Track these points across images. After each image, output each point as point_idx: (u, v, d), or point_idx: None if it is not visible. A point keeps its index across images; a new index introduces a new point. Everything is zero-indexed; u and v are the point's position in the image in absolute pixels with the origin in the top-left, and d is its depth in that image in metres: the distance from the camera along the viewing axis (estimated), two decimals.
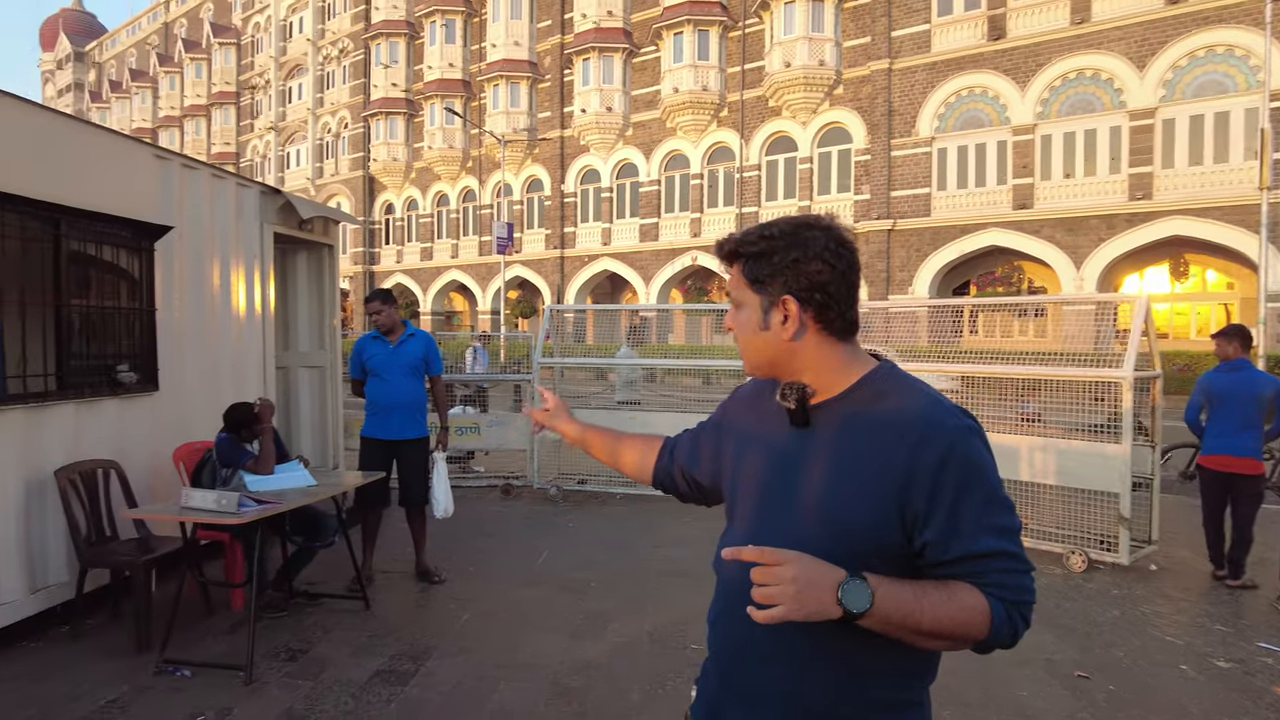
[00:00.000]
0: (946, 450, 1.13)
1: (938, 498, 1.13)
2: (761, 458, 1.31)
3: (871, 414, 1.20)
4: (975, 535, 1.13)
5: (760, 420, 1.36)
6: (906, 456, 1.14)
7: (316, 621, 4.45)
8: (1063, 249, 21.66)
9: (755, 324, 1.27)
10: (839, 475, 1.19)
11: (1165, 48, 20.33)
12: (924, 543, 1.14)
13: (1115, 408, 5.56)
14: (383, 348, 5.11)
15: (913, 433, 1.15)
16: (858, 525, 1.16)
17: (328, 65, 41.52)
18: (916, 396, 1.21)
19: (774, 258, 1.23)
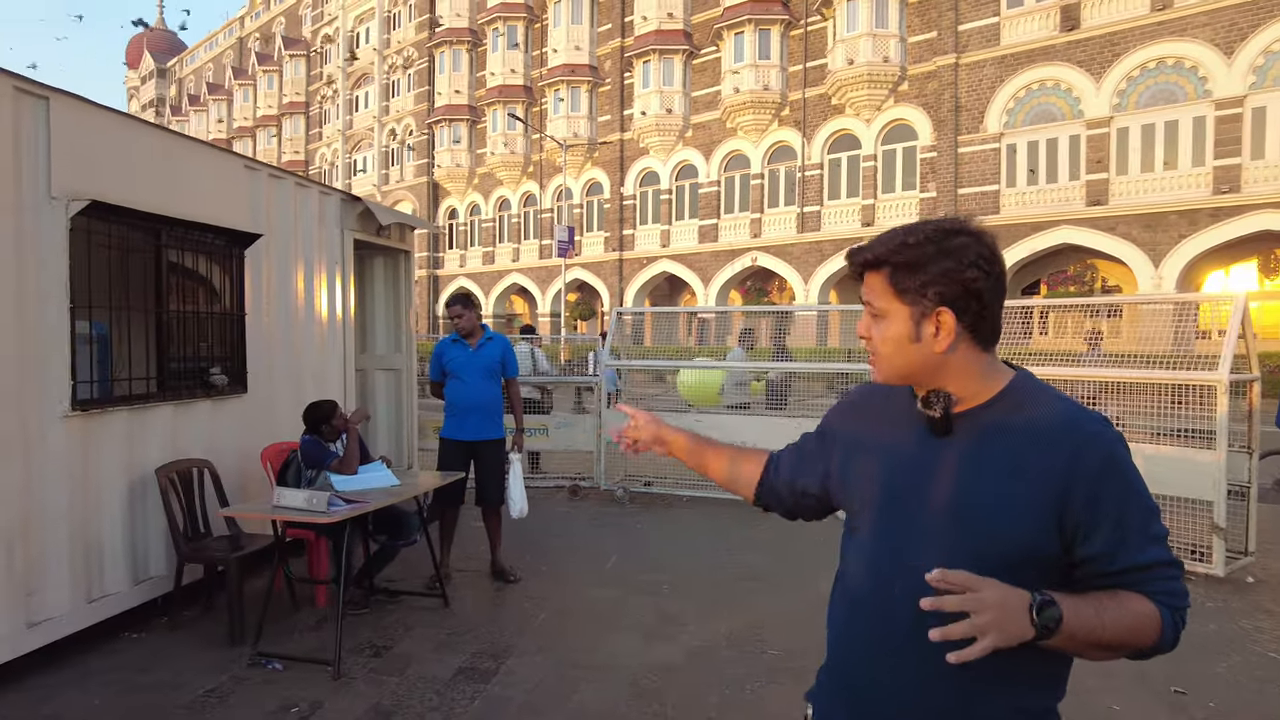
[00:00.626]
0: (1105, 458, 1.13)
1: (1101, 508, 1.12)
2: (890, 465, 1.28)
3: (1019, 422, 1.19)
4: (1141, 546, 1.14)
5: (880, 427, 1.33)
6: (1064, 464, 1.13)
7: (398, 619, 4.57)
8: (1140, 246, 20.85)
9: (904, 336, 1.22)
10: (989, 483, 1.16)
11: (1256, 32, 19.36)
12: (1089, 555, 1.14)
13: (1207, 411, 5.34)
14: (462, 351, 5.22)
15: (1068, 440, 1.14)
16: (1012, 534, 1.14)
17: (393, 74, 42.55)
18: (1065, 404, 1.20)
19: (927, 267, 1.19)
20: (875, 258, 1.25)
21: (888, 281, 1.24)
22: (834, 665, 1.36)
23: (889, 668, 1.23)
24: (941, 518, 1.20)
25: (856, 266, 1.29)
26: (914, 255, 1.20)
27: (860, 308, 1.31)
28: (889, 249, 1.23)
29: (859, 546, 1.31)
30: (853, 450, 1.36)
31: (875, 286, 1.25)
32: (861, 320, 1.29)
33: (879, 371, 1.28)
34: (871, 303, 1.25)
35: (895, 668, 1.22)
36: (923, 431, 1.25)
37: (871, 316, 1.26)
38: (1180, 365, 5.64)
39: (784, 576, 5.33)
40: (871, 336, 1.26)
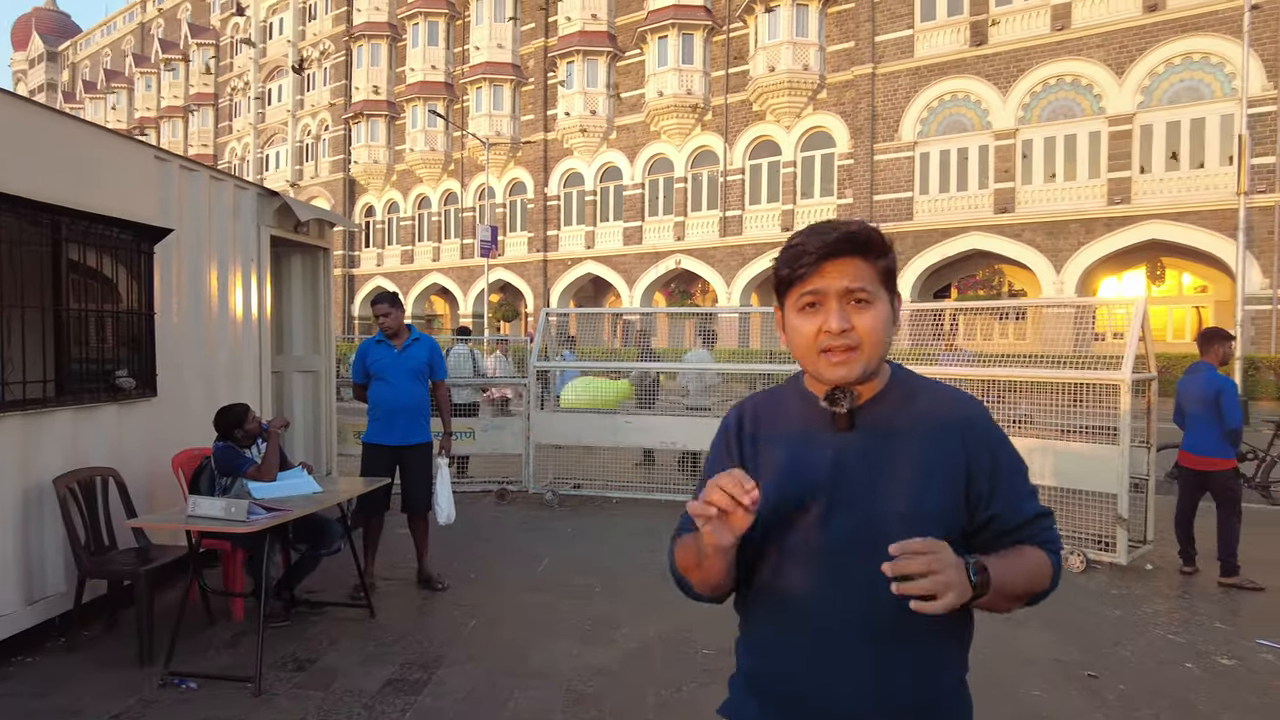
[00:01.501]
0: (991, 432, 1.27)
1: (997, 475, 1.24)
2: (808, 468, 1.25)
3: (914, 410, 1.26)
4: (1027, 500, 1.28)
5: (785, 433, 1.31)
6: (960, 443, 1.23)
7: (322, 631, 4.39)
8: (1043, 252, 21.93)
9: (889, 322, 1.24)
10: (905, 471, 1.21)
11: (1144, 54, 20.67)
12: (991, 515, 1.24)
13: (1107, 409, 5.64)
14: (387, 351, 5.06)
15: (961, 418, 1.26)
16: (933, 514, 1.20)
17: (308, 67, 41.18)
18: (945, 390, 1.31)
19: (891, 256, 1.27)
20: (876, 243, 1.23)
21: (876, 268, 1.24)
22: (767, 681, 1.31)
23: (841, 671, 1.21)
24: (875, 511, 1.21)
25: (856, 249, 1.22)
26: (888, 244, 1.26)
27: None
28: (878, 236, 1.24)
29: (789, 556, 1.26)
30: (766, 459, 1.31)
31: (864, 273, 1.22)
32: (832, 314, 1.20)
33: (858, 363, 1.21)
34: (865, 288, 1.21)
35: (848, 670, 1.21)
36: (823, 431, 1.26)
37: (855, 304, 1.21)
38: (1086, 365, 5.93)
39: None
40: (854, 326, 1.20)
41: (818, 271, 1.21)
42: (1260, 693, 3.77)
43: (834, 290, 1.20)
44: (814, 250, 1.21)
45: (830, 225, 1.23)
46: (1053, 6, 21.91)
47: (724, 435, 1.39)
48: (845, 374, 1.21)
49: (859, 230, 1.22)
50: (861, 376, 1.23)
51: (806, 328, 1.23)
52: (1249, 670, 4.03)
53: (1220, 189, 19.62)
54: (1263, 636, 4.47)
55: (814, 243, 1.21)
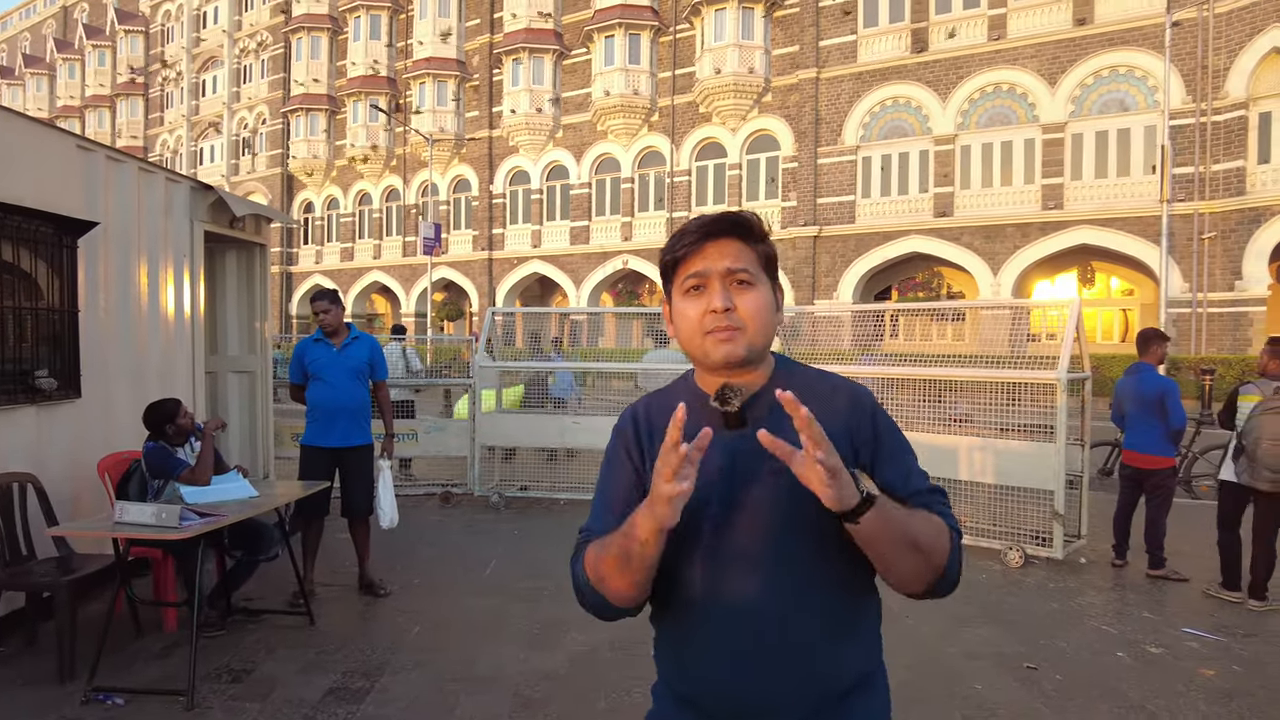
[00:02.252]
0: (871, 407, 1.28)
1: (880, 445, 1.26)
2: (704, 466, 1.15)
3: (799, 395, 1.20)
4: (916, 474, 1.28)
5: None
6: (844, 421, 1.24)
7: (259, 639, 4.24)
8: (980, 255, 22.55)
9: (771, 305, 1.27)
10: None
11: (1074, 66, 21.42)
12: (882, 483, 1.19)
13: (1039, 407, 5.82)
14: (326, 351, 4.91)
15: (839, 400, 1.27)
16: None
17: (245, 58, 40.00)
18: (821, 375, 1.34)
19: (770, 245, 1.30)
20: (755, 227, 1.27)
21: (754, 252, 1.26)
22: (682, 683, 1.30)
23: (751, 669, 1.20)
24: (775, 504, 1.20)
25: (735, 231, 1.25)
26: (766, 233, 1.30)
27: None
28: (757, 221, 1.28)
29: (691, 561, 1.23)
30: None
31: (745, 255, 1.25)
32: (715, 294, 1.22)
33: (741, 342, 1.22)
34: (747, 269, 1.23)
35: (758, 666, 1.20)
36: (716, 429, 1.17)
37: (737, 285, 1.23)
38: (1024, 365, 6.10)
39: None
40: (735, 306, 1.22)
41: (699, 252, 1.24)
42: (1186, 679, 3.91)
43: (716, 271, 1.22)
44: (695, 230, 1.25)
45: (711, 213, 1.29)
46: (989, 17, 22.54)
47: (620, 439, 1.36)
48: (730, 350, 1.21)
49: (738, 214, 1.26)
50: (747, 356, 1.23)
51: (691, 310, 1.24)
52: (1175, 658, 4.19)
53: (1144, 197, 20.46)
54: (1188, 625, 4.66)
55: (695, 224, 1.26)
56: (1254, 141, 19.46)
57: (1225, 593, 5.02)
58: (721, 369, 1.26)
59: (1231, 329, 19.48)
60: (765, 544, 1.20)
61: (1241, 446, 4.84)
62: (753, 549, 1.20)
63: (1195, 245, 19.93)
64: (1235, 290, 19.45)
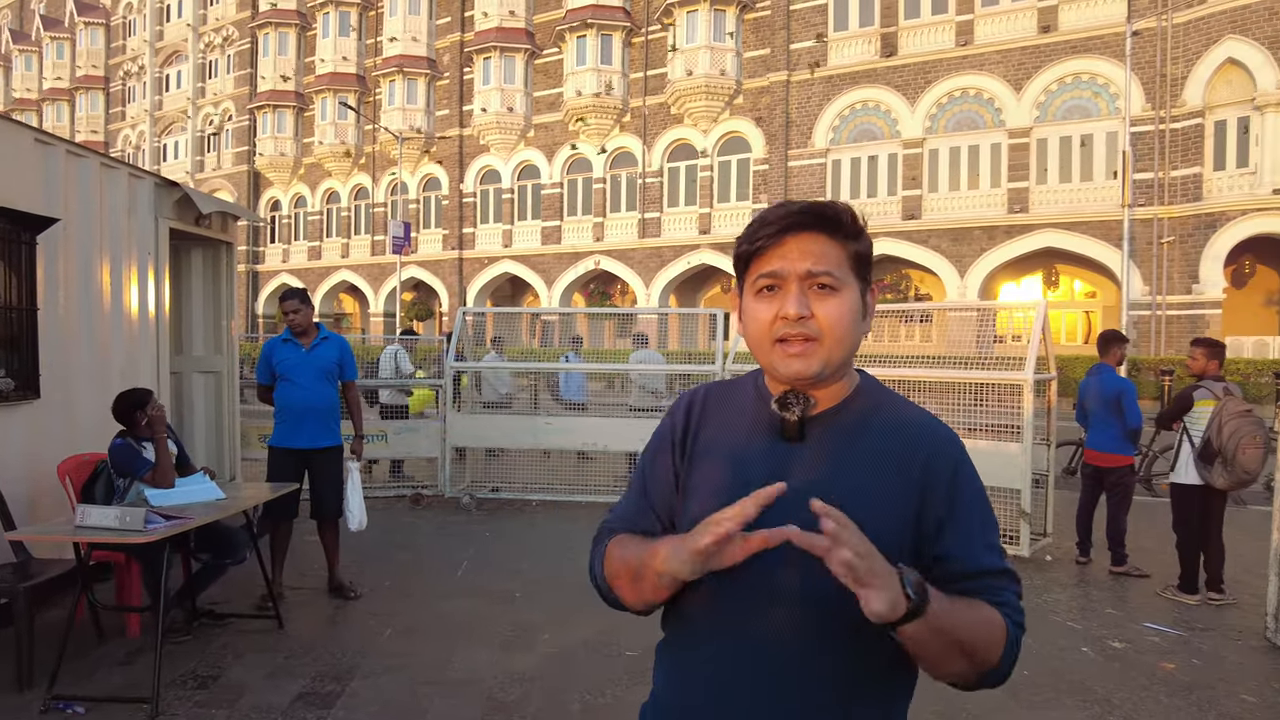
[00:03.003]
0: (957, 461, 1.11)
1: (954, 509, 1.08)
2: (747, 476, 1.10)
3: (875, 426, 1.13)
4: (988, 551, 1.10)
5: (727, 433, 1.19)
6: (924, 461, 1.09)
7: (225, 644, 4.17)
8: (948, 258, 22.86)
9: (859, 313, 1.11)
10: (851, 482, 1.07)
11: (1039, 72, 21.81)
12: (942, 554, 1.07)
13: (1005, 407, 5.91)
14: (294, 351, 4.84)
15: (926, 440, 1.11)
16: (878, 532, 1.00)
17: (210, 53, 39.30)
18: (912, 408, 1.17)
19: (866, 240, 1.14)
20: (847, 221, 1.11)
21: (845, 251, 1.12)
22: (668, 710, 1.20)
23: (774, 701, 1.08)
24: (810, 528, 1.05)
25: (813, 225, 1.10)
26: (861, 229, 1.13)
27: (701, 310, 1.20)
28: (850, 214, 1.12)
29: (716, 577, 1.07)
30: (704, 458, 1.18)
31: (830, 255, 1.10)
32: (793, 296, 1.08)
33: (817, 356, 1.08)
34: (830, 272, 1.08)
35: (781, 699, 1.07)
36: (770, 437, 1.13)
37: (818, 290, 1.08)
38: (991, 366, 6.19)
39: None
40: (815, 314, 1.07)
41: (778, 247, 1.10)
42: (1148, 673, 4.00)
43: (794, 272, 1.08)
44: (775, 221, 1.10)
45: (798, 201, 1.13)
46: (956, 23, 22.87)
47: (670, 425, 1.25)
48: (801, 368, 1.08)
49: (827, 205, 1.11)
50: (820, 373, 1.09)
51: (762, 313, 1.11)
52: (1137, 652, 4.28)
53: (1106, 201, 20.89)
54: (1149, 620, 4.76)
55: (777, 213, 1.11)
56: (1210, 149, 19.96)
57: (1183, 595, 5.12)
58: (789, 385, 1.13)
59: (1189, 331, 19.93)
60: (787, 578, 1.05)
61: (1214, 450, 4.92)
62: (780, 579, 1.06)
63: (1155, 249, 20.39)
64: (1192, 293, 19.93)
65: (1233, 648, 4.38)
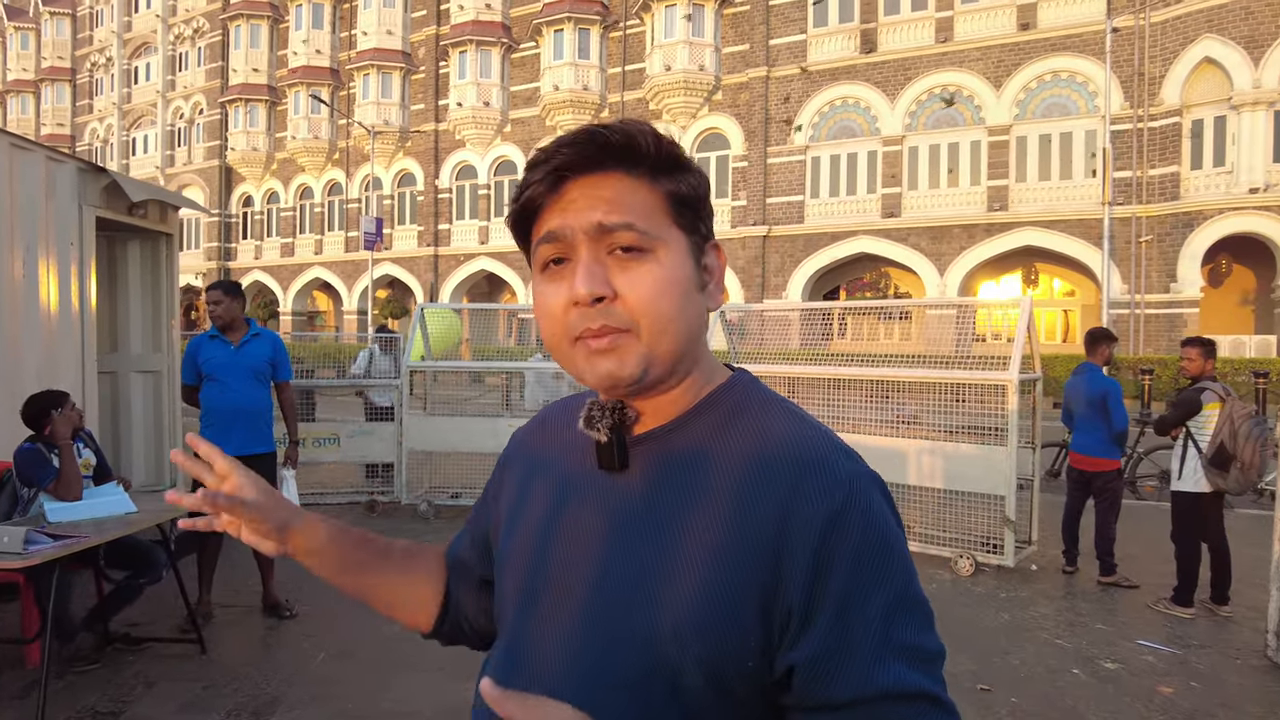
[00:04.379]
0: (836, 513, 0.68)
1: (822, 586, 0.67)
2: (539, 514, 0.83)
3: (724, 447, 0.75)
4: (879, 657, 0.66)
5: (546, 453, 0.88)
6: (776, 516, 0.69)
7: (138, 672, 3.77)
8: (927, 256, 22.68)
9: (690, 280, 0.75)
10: (681, 552, 0.71)
11: (1018, 70, 21.67)
12: (792, 664, 0.67)
13: (991, 409, 5.63)
14: (221, 348, 4.44)
15: (786, 475, 0.71)
16: (695, 632, 0.68)
17: (180, 45, 38.45)
18: (791, 424, 0.76)
19: (690, 179, 0.77)
20: (646, 146, 0.74)
21: (657, 193, 0.74)
22: None
23: None
24: (600, 594, 0.74)
25: (598, 158, 0.73)
26: (677, 157, 0.76)
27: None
28: (655, 137, 0.74)
29: (502, 637, 0.84)
30: (519, 490, 0.88)
31: (633, 200, 0.73)
32: (582, 267, 0.72)
33: (632, 353, 0.72)
34: (632, 224, 0.72)
35: None
36: (583, 468, 0.81)
37: (621, 254, 0.72)
38: (975, 366, 5.91)
39: None
40: (620, 292, 0.72)
41: (556, 197, 0.74)
42: (1145, 698, 3.72)
43: (580, 229, 0.72)
44: (546, 160, 0.74)
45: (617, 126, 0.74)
46: (936, 19, 22.69)
47: (499, 463, 0.98)
48: (613, 369, 0.72)
49: (617, 128, 0.73)
50: (641, 376, 0.73)
51: (551, 299, 0.75)
52: (1131, 674, 4.00)
53: (1085, 200, 20.80)
54: (1143, 637, 4.49)
55: (548, 148, 0.74)
56: (1187, 148, 19.92)
57: (1176, 609, 4.85)
58: (610, 395, 0.78)
59: (1167, 330, 19.89)
60: (567, 667, 0.73)
61: (1228, 455, 4.66)
62: (555, 663, 0.74)
63: (1133, 248, 20.31)
64: (1170, 292, 19.87)
65: (1232, 668, 4.11)
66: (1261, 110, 18.78)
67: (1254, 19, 18.68)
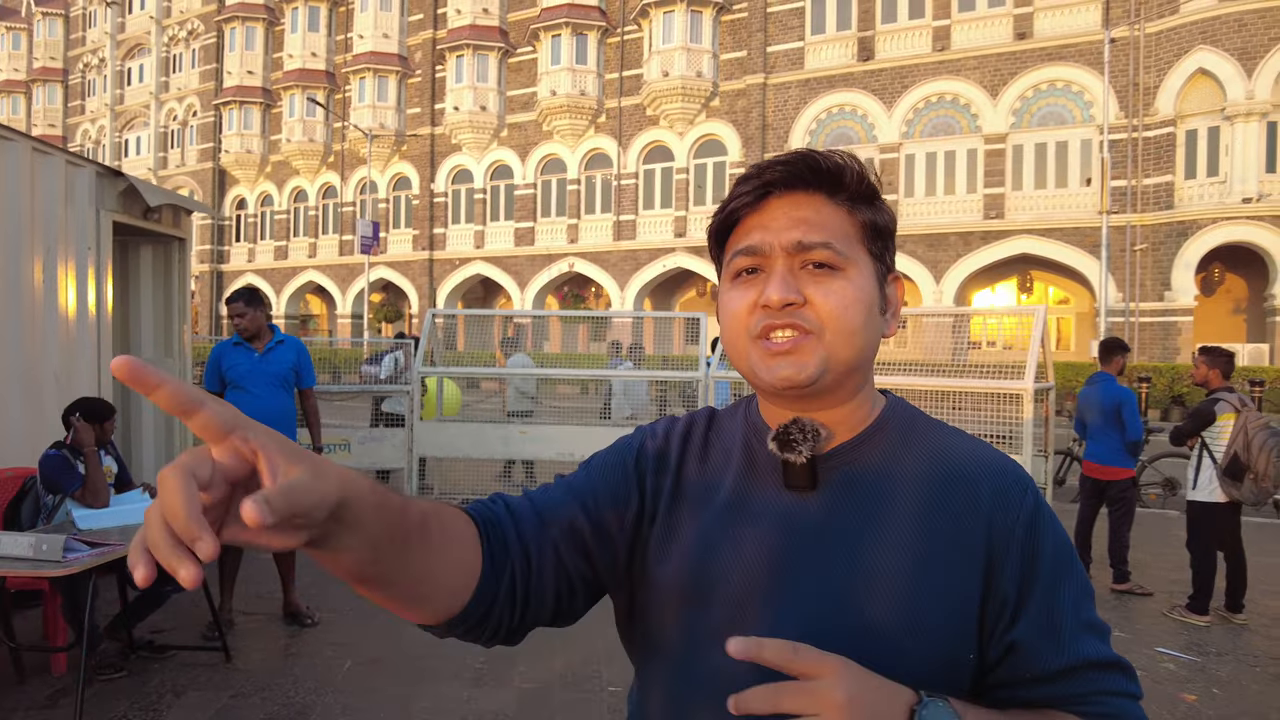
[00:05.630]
0: (1033, 514, 0.78)
1: (1034, 581, 0.76)
2: (730, 536, 0.81)
3: (913, 466, 0.80)
4: (1076, 635, 0.76)
5: (718, 470, 0.86)
6: (985, 525, 0.77)
7: (165, 681, 3.75)
8: (924, 264, 22.80)
9: (874, 299, 0.79)
10: (890, 562, 0.76)
11: (1015, 78, 21.84)
12: (1010, 644, 0.75)
13: (1009, 418, 5.66)
14: (246, 356, 4.43)
15: (985, 490, 0.78)
16: (926, 634, 0.74)
17: (174, 47, 38.32)
18: (964, 440, 0.84)
19: (890, 218, 0.83)
20: (851, 176, 0.79)
21: (853, 220, 0.80)
22: None
23: None
24: (828, 625, 0.75)
25: (805, 180, 0.79)
26: (876, 190, 0.82)
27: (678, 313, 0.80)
28: (855, 166, 0.80)
29: (682, 667, 0.81)
30: (679, 520, 0.85)
31: (831, 222, 0.78)
32: (777, 275, 0.77)
33: (812, 355, 0.76)
34: (829, 244, 0.77)
35: None
36: (766, 484, 0.82)
37: (814, 269, 0.77)
38: (989, 374, 5.94)
39: None
40: (809, 299, 0.76)
41: (757, 214, 0.80)
42: (1169, 705, 3.75)
43: (779, 245, 0.77)
44: (755, 176, 0.80)
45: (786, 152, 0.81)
46: (933, 28, 22.85)
47: (625, 455, 0.89)
48: (792, 372, 0.76)
49: (825, 155, 0.79)
50: (817, 377, 0.76)
51: (737, 302, 0.80)
52: (1154, 682, 4.02)
53: (1081, 208, 20.97)
54: (1161, 645, 4.52)
55: (758, 167, 0.81)
56: (1181, 158, 20.11)
57: (1192, 616, 4.89)
58: (780, 397, 0.81)
59: (1162, 338, 20.06)
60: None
61: (1243, 465, 4.71)
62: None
63: (1128, 256, 20.49)
64: (1165, 300, 20.04)
65: (1252, 675, 4.14)
66: (1254, 121, 18.99)
67: (1247, 31, 18.90)
